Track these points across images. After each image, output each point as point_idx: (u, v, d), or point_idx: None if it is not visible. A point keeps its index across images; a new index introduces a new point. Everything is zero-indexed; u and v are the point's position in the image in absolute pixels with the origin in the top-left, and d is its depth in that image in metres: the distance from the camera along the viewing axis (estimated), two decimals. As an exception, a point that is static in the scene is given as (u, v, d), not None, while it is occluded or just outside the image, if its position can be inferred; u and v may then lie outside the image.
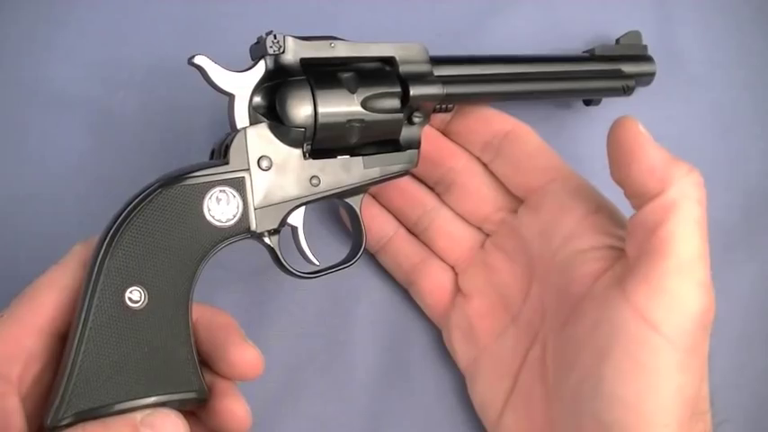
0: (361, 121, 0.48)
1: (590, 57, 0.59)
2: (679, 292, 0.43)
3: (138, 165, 0.55)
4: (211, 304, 0.47)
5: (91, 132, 0.56)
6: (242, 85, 0.47)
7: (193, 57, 0.46)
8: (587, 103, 0.60)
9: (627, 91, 0.58)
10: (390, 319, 0.58)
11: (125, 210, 0.44)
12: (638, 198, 0.45)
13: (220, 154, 0.47)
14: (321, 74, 0.48)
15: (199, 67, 0.46)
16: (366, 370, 0.57)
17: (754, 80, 0.62)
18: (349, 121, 0.48)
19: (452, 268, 0.57)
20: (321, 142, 0.48)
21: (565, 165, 0.54)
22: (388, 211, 0.57)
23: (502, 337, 0.54)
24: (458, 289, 0.56)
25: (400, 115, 0.50)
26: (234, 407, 0.45)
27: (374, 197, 0.56)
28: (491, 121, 0.55)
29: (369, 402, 0.57)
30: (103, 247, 0.43)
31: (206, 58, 0.46)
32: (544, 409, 0.50)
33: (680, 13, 0.56)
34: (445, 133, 0.56)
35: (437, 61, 0.52)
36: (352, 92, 0.48)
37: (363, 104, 0.48)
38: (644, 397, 0.42)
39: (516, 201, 0.55)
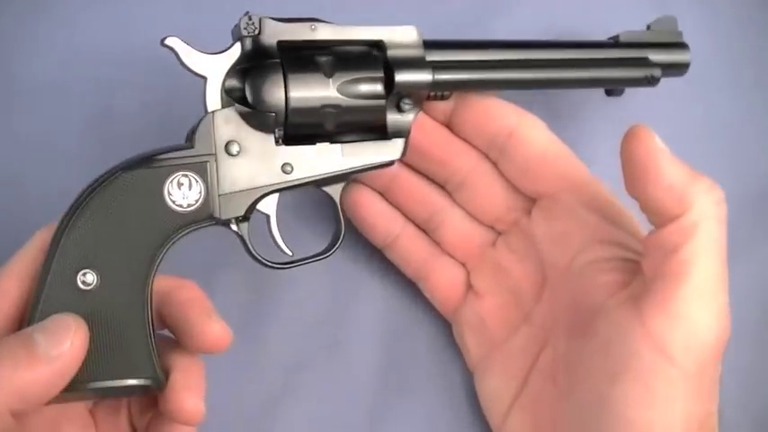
0: (337, 106, 0.46)
1: (613, 43, 0.54)
2: (697, 320, 0.42)
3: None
4: (178, 276, 0.46)
5: (90, 132, 0.56)
6: (215, 67, 0.46)
7: (165, 38, 0.45)
8: (609, 93, 0.55)
9: (651, 81, 0.52)
10: (391, 318, 0.57)
11: (83, 192, 0.43)
12: (656, 217, 0.43)
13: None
14: (296, 57, 0.46)
15: (171, 49, 0.45)
16: (366, 370, 0.56)
17: (755, 79, 0.60)
18: (323, 106, 0.46)
19: (463, 265, 0.54)
20: (294, 128, 0.46)
21: (577, 168, 0.51)
22: (397, 207, 0.54)
23: (513, 336, 0.52)
24: (469, 286, 0.54)
25: (382, 102, 0.47)
26: (186, 402, 0.43)
27: (382, 194, 0.54)
28: (492, 116, 0.51)
29: (369, 402, 0.56)
30: (59, 229, 0.42)
31: (178, 39, 0.45)
32: (551, 413, 0.48)
33: (680, 12, 0.53)
34: (448, 125, 0.53)
35: (431, 45, 0.49)
36: (328, 76, 0.46)
37: (340, 90, 0.46)
38: (653, 422, 0.42)
39: (530, 200, 0.52)
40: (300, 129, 0.46)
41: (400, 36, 0.48)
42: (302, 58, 0.46)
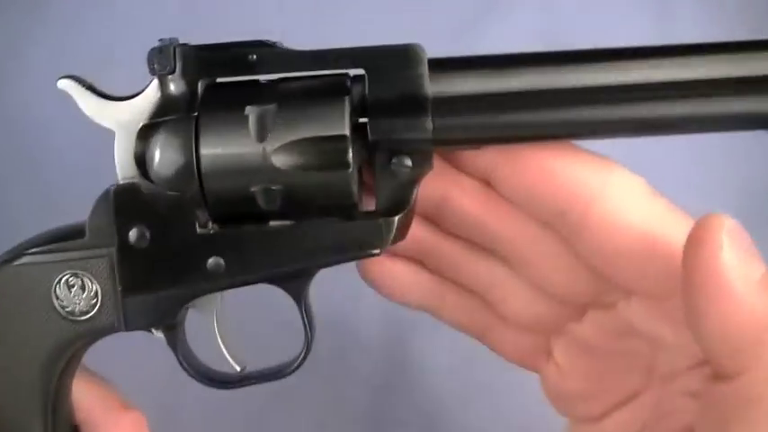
0: (278, 182, 0.31)
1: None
2: None
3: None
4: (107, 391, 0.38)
5: (88, 131, 0.49)
6: (126, 117, 0.33)
7: (60, 79, 0.33)
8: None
9: None
10: (392, 320, 0.54)
11: None
12: (708, 360, 0.31)
13: None
14: (220, 109, 0.31)
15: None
16: (367, 371, 0.55)
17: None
18: (254, 182, 0.31)
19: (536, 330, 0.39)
20: (220, 211, 0.32)
21: None
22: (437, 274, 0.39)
23: (608, 417, 0.38)
24: (549, 351, 0.39)
25: (345, 171, 0.31)
26: None
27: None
28: (556, 178, 0.32)
29: (369, 404, 0.55)
30: None
31: (72, 80, 0.33)
32: None
33: (682, 12, 0.49)
34: (488, 182, 0.35)
35: (441, 68, 0.32)
36: (261, 139, 0.31)
37: (279, 157, 0.31)
38: None
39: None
40: (230, 211, 0.32)
41: (390, 62, 0.31)
42: (227, 110, 0.31)
